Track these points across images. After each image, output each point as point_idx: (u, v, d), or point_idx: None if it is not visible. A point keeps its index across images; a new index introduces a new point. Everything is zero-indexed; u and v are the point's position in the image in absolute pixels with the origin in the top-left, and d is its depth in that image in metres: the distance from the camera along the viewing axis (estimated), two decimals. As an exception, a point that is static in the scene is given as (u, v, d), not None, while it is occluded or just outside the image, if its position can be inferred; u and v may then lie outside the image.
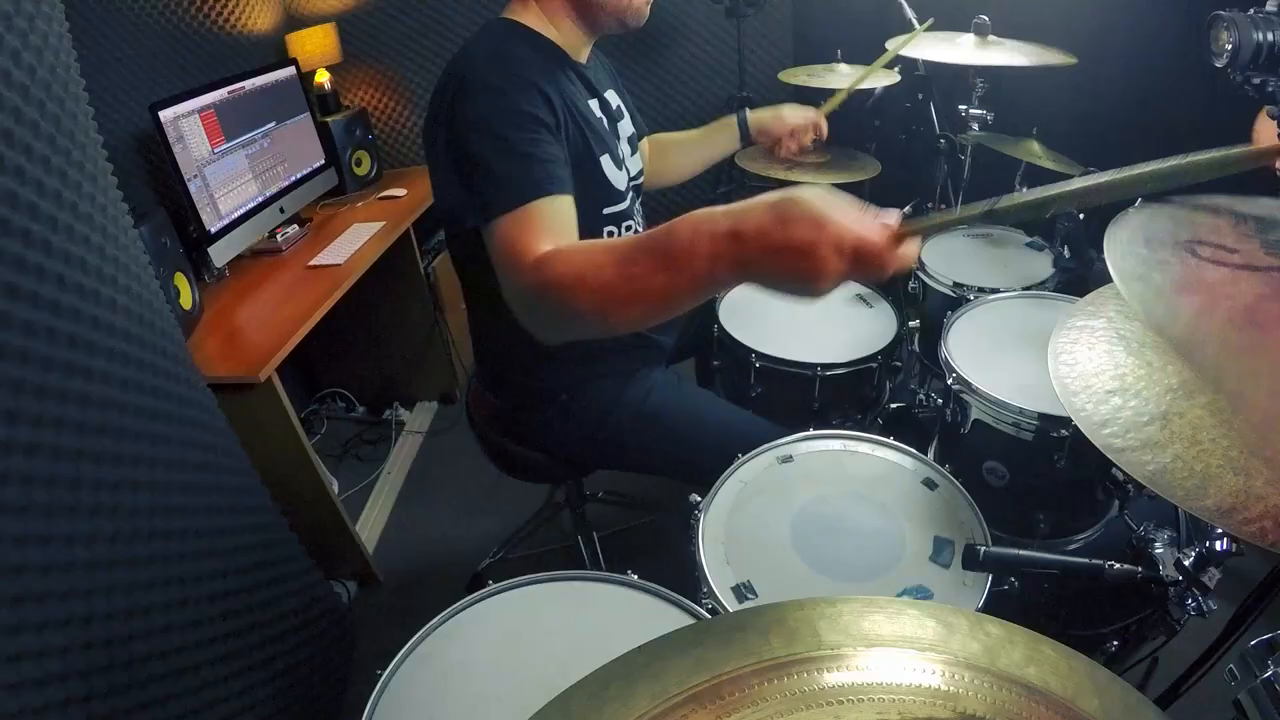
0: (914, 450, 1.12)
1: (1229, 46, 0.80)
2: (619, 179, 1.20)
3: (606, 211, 1.18)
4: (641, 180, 1.31)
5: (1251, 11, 0.79)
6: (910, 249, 0.70)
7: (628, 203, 1.23)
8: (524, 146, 0.97)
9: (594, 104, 1.20)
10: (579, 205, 1.02)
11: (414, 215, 2.28)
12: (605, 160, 1.16)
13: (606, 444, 1.31)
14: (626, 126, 1.28)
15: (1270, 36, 0.77)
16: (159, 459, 1.11)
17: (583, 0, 1.12)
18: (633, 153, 1.29)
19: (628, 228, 1.23)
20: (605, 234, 1.19)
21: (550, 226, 0.93)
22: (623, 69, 2.56)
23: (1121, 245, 0.55)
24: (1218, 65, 0.86)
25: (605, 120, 1.21)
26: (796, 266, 0.68)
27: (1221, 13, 0.82)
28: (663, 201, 2.77)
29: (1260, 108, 1.57)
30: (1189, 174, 0.67)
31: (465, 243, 1.19)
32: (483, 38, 1.10)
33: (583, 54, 1.19)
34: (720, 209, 0.73)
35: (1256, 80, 0.84)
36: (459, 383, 2.62)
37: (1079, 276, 1.50)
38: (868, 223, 0.68)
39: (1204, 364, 0.44)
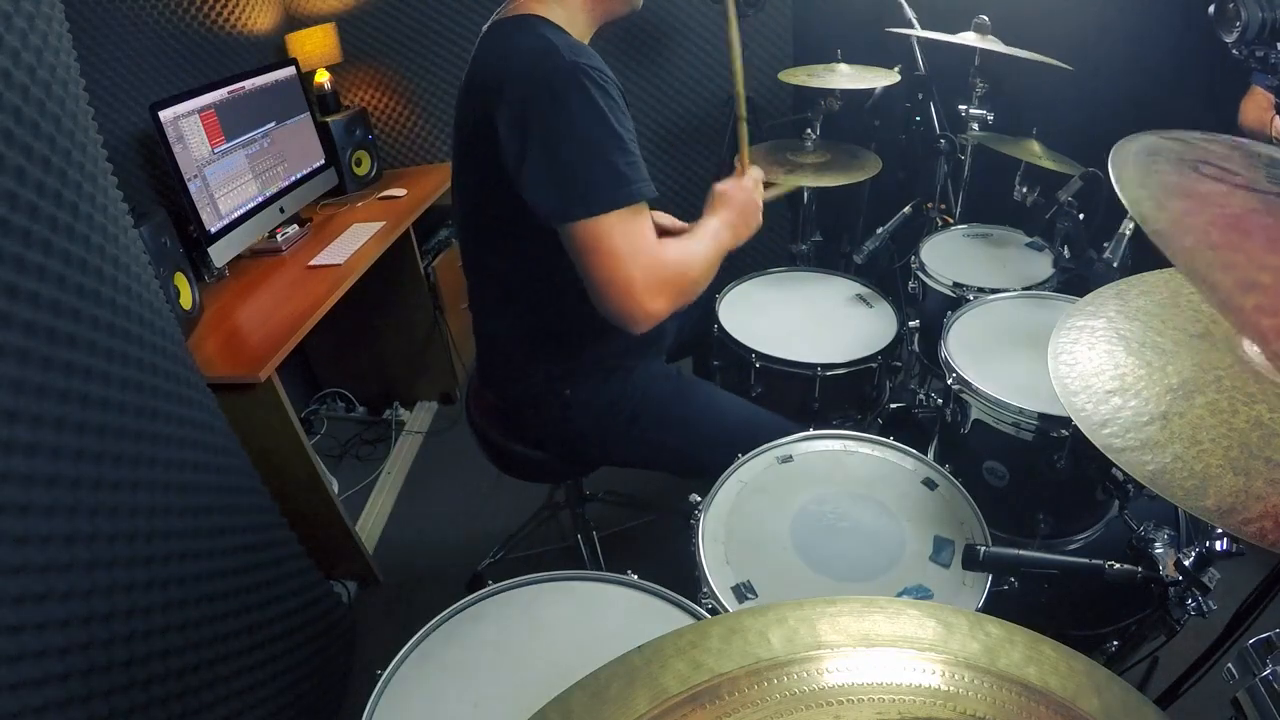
0: (914, 450, 1.12)
1: (1239, 24, 0.95)
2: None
3: None
4: None
5: None
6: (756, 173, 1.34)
7: None
8: (631, 145, 1.04)
9: None
10: None
11: (414, 215, 2.28)
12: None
13: (607, 439, 1.31)
14: None
15: (1274, 14, 0.93)
16: (159, 459, 1.11)
17: None
18: None
19: None
20: None
21: (650, 224, 1.08)
22: (622, 69, 2.57)
23: (1128, 156, 0.55)
24: (1227, 40, 1.00)
25: None
26: (747, 218, 1.27)
27: None
28: (659, 200, 2.77)
29: (1248, 90, 1.63)
30: None
31: (492, 243, 1.19)
32: (531, 33, 1.07)
33: (588, 43, 1.19)
34: (717, 218, 1.24)
35: (1260, 53, 0.99)
36: (459, 383, 2.62)
37: (1079, 276, 1.50)
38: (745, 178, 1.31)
39: (1178, 251, 0.44)
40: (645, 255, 1.03)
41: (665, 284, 1.05)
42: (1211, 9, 1.01)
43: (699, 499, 1.06)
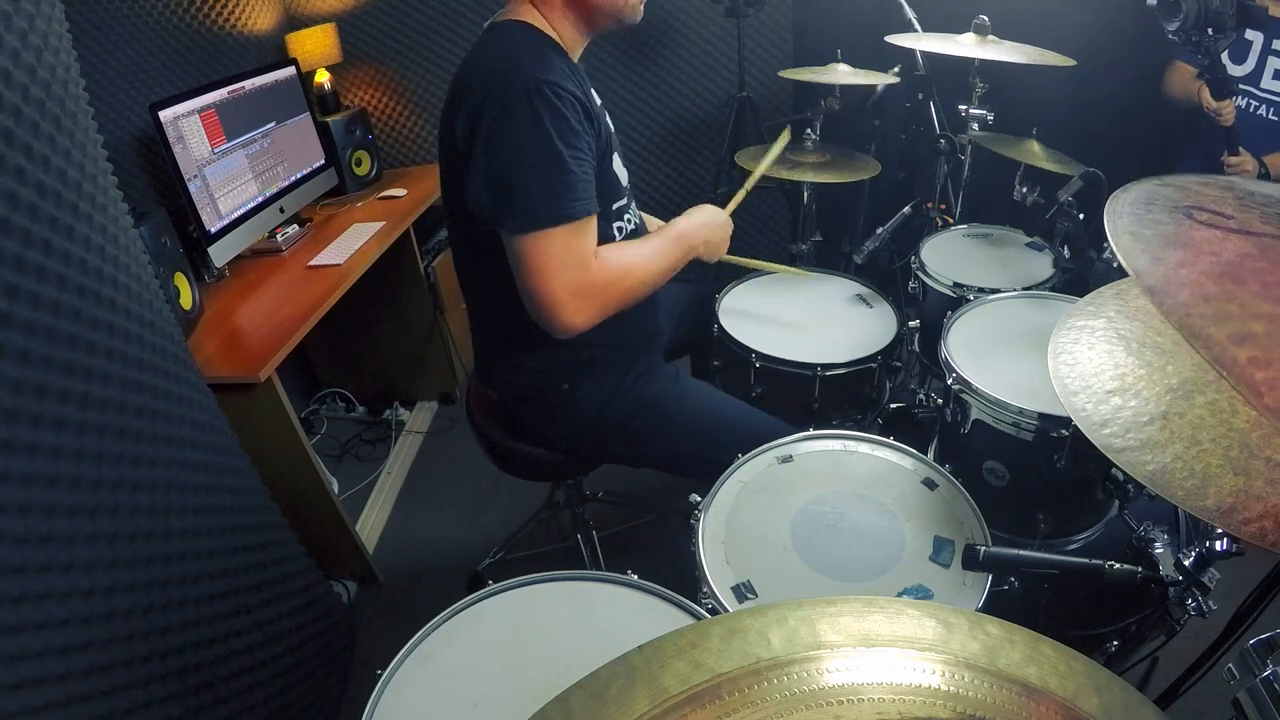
0: (914, 450, 1.12)
1: (1180, 15, 1.17)
2: (623, 174, 1.24)
3: (615, 206, 1.22)
4: None
5: None
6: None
7: (628, 197, 1.26)
8: (574, 164, 1.05)
9: (597, 101, 1.21)
10: (601, 204, 1.15)
11: (414, 215, 2.28)
12: (615, 158, 1.20)
13: (606, 436, 1.32)
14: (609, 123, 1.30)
15: (1207, 6, 1.14)
16: (159, 459, 1.11)
17: (583, 6, 1.14)
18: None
19: (628, 219, 1.26)
20: (614, 229, 1.23)
21: (588, 240, 1.10)
22: (622, 69, 2.57)
23: (1123, 205, 0.56)
24: (1169, 29, 1.21)
25: (604, 116, 1.23)
26: (720, 233, 1.33)
27: None
28: (659, 200, 2.78)
29: (1170, 64, 1.90)
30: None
31: (476, 239, 1.20)
32: (510, 39, 1.11)
33: (578, 54, 1.20)
34: (680, 220, 1.29)
35: (1195, 38, 1.19)
36: (459, 383, 2.62)
37: (1079, 276, 1.50)
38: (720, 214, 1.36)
39: (1173, 308, 0.44)
40: (571, 272, 1.07)
41: (590, 299, 1.10)
42: (1152, 1, 1.20)
43: (699, 499, 1.06)
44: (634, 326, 1.31)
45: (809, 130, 1.90)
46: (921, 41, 1.75)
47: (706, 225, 1.30)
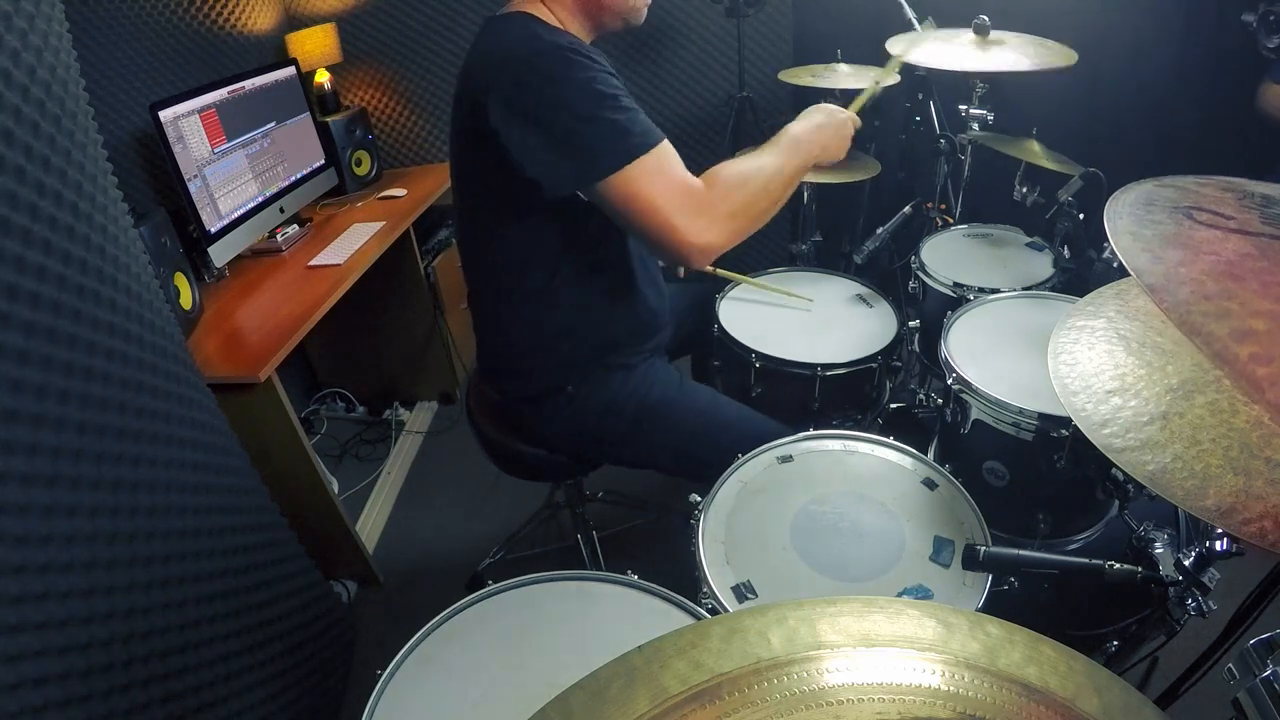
0: (914, 450, 1.12)
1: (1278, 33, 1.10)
2: None
3: None
4: None
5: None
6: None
7: None
8: (625, 101, 1.03)
9: None
10: None
11: (414, 215, 2.28)
12: None
13: (610, 438, 1.32)
14: None
15: None
16: (159, 459, 1.11)
17: (591, 3, 1.14)
18: None
19: None
20: None
21: (676, 162, 1.06)
22: (623, 69, 2.56)
23: (1123, 206, 0.56)
24: (1268, 46, 1.19)
25: None
26: (839, 134, 1.25)
27: (1271, 8, 1.08)
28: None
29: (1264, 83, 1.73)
30: None
31: (490, 235, 1.20)
32: (517, 27, 1.10)
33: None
34: (796, 123, 1.23)
35: None
36: (459, 383, 2.62)
37: (1079, 276, 1.50)
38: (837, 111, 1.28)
39: (1173, 306, 0.44)
40: (675, 195, 1.03)
41: (709, 214, 1.04)
42: (1248, 17, 1.12)
43: (699, 499, 1.06)
44: (638, 329, 1.30)
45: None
46: (918, 53, 1.74)
47: (822, 128, 1.22)
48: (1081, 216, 1.49)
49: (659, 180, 1.03)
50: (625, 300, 1.26)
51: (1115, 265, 1.27)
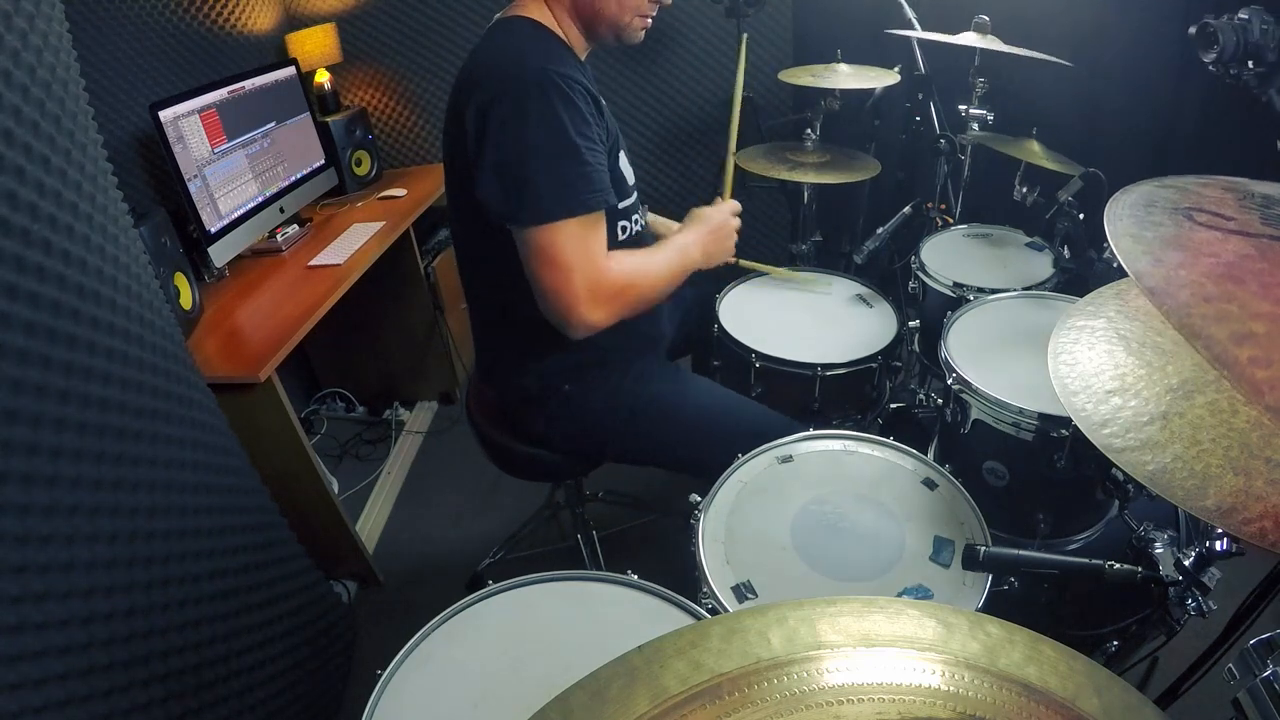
0: (914, 450, 1.12)
1: (1216, 46, 1.05)
2: (629, 174, 1.24)
3: (622, 206, 1.21)
4: None
5: (1226, 18, 1.03)
6: (735, 204, 1.39)
7: (635, 197, 1.26)
8: (588, 155, 1.04)
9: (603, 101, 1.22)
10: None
11: (414, 215, 2.28)
12: (622, 156, 1.20)
13: (608, 436, 1.32)
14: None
15: (1246, 37, 1.03)
16: (159, 459, 1.11)
17: (587, 12, 1.15)
18: None
19: (635, 220, 1.25)
20: (619, 228, 1.22)
21: (603, 235, 1.09)
22: (623, 69, 2.57)
23: (1123, 207, 0.56)
24: (1206, 60, 1.10)
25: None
26: (720, 241, 1.33)
27: (1209, 20, 1.05)
28: (659, 201, 2.78)
29: None
30: None
31: (481, 238, 1.20)
32: (519, 34, 1.10)
33: (584, 55, 1.21)
34: (689, 233, 1.30)
35: (1234, 71, 1.09)
36: (459, 383, 2.62)
37: (1079, 276, 1.50)
38: (724, 206, 1.38)
39: (1173, 309, 0.44)
40: (588, 268, 1.06)
41: (608, 298, 1.09)
42: (1192, 30, 1.11)
43: (699, 499, 1.06)
44: (638, 330, 1.31)
45: (809, 130, 1.90)
46: (920, 33, 1.75)
47: (706, 238, 1.30)
48: (1081, 216, 1.49)
49: (579, 246, 1.05)
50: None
51: (1115, 265, 1.27)
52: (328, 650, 1.57)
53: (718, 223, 1.33)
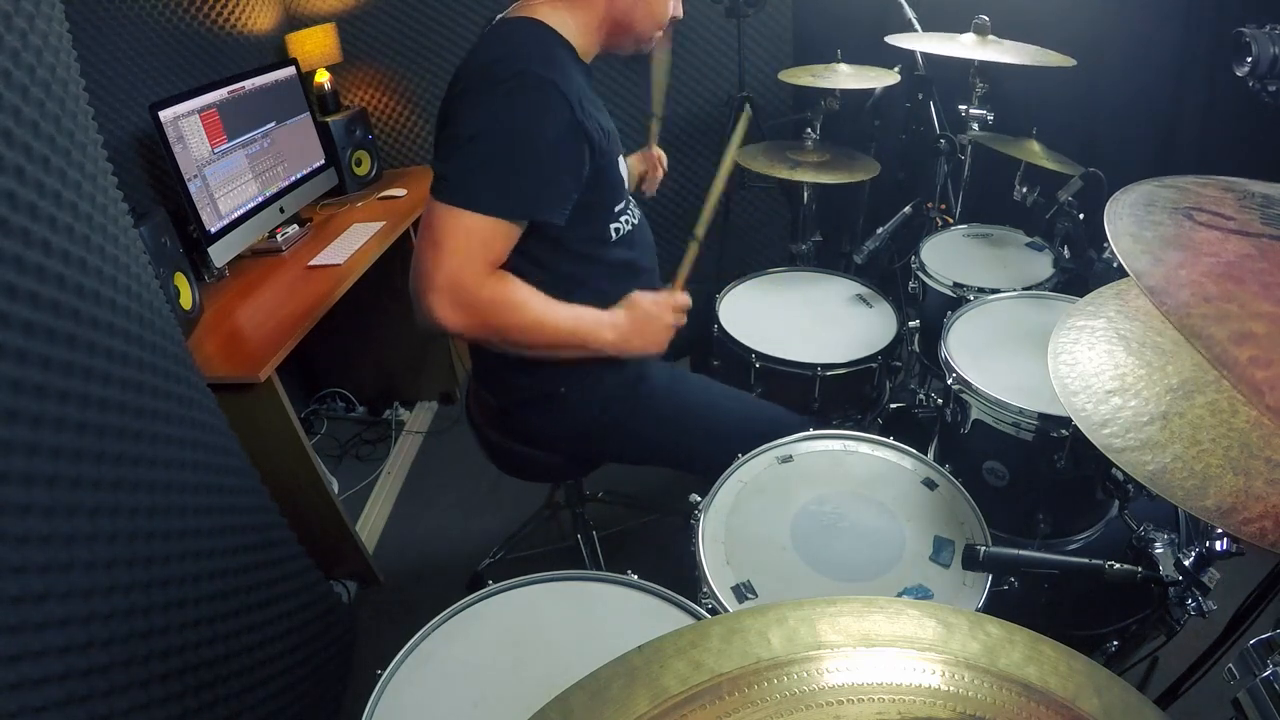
0: (914, 450, 1.12)
1: (1249, 58, 0.95)
2: (626, 177, 1.23)
3: (616, 209, 1.21)
4: None
5: (1268, 28, 0.93)
6: (682, 299, 1.27)
7: (629, 199, 1.26)
8: (525, 162, 1.03)
9: (601, 104, 1.22)
10: (599, 206, 1.16)
11: (414, 215, 2.27)
12: (620, 160, 1.20)
13: (606, 435, 1.32)
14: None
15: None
16: (159, 459, 1.11)
17: (622, 23, 1.16)
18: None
19: (626, 221, 1.24)
20: (612, 230, 1.21)
21: (499, 246, 1.06)
22: (623, 69, 2.57)
23: (1123, 207, 0.56)
24: (1239, 73, 1.00)
25: (609, 118, 1.23)
26: (645, 334, 1.22)
27: (1244, 29, 0.95)
28: (660, 203, 2.78)
29: None
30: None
31: None
32: (520, 32, 1.10)
33: (590, 58, 1.21)
34: (611, 315, 1.20)
35: (1272, 88, 0.99)
36: (459, 383, 2.62)
37: (1079, 276, 1.50)
38: (664, 296, 1.26)
39: (1173, 308, 0.44)
40: (459, 266, 1.03)
41: (464, 305, 1.05)
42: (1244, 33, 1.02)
43: (699, 499, 1.06)
44: None
45: (809, 130, 1.90)
46: (921, 42, 1.75)
47: (622, 326, 1.20)
48: (1081, 216, 1.49)
49: (463, 240, 1.03)
50: (617, 302, 1.26)
51: (1115, 265, 1.27)
52: (328, 650, 1.57)
53: (645, 314, 1.21)
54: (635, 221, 1.28)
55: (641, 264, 1.30)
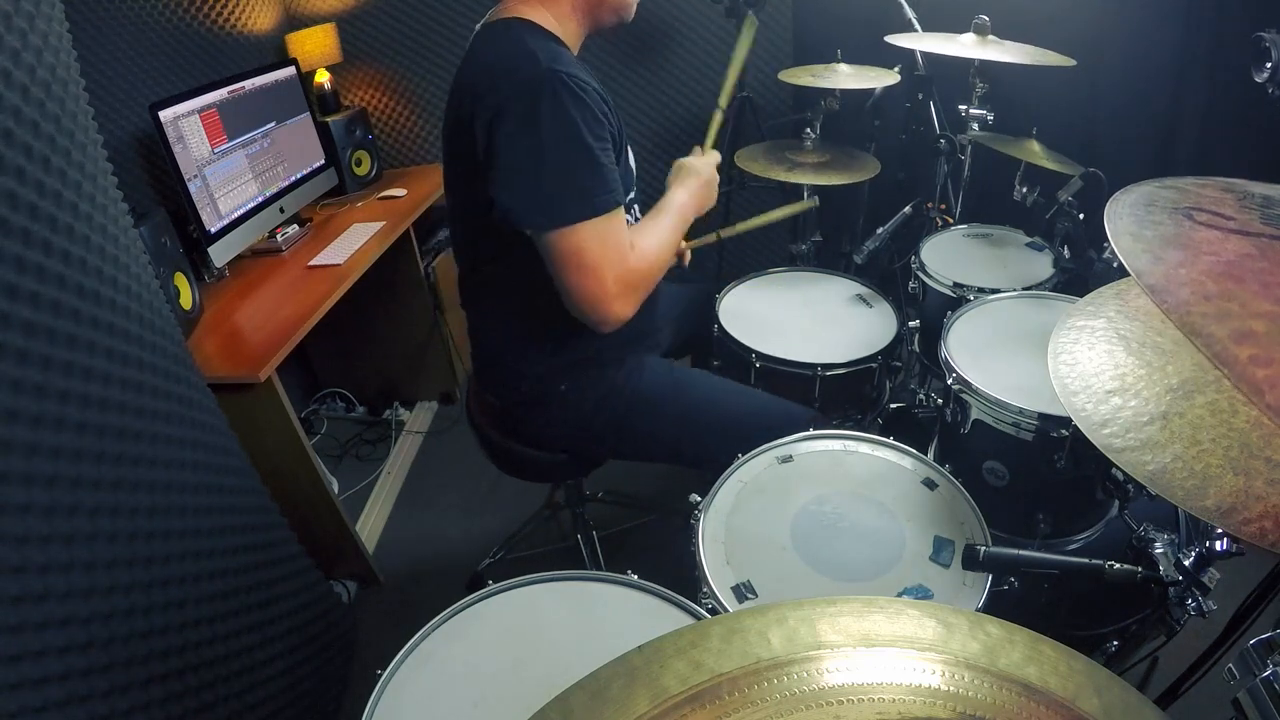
0: (914, 450, 1.12)
1: (1269, 64, 0.93)
2: (633, 171, 1.26)
3: (629, 199, 1.22)
4: None
5: None
6: (715, 155, 1.41)
7: (635, 191, 1.27)
8: (601, 155, 1.04)
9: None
10: None
11: (414, 215, 2.27)
12: (629, 150, 1.21)
13: (606, 433, 1.32)
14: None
15: None
16: (159, 459, 1.11)
17: (586, 1, 1.14)
18: None
19: (634, 213, 1.26)
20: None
21: (623, 228, 1.09)
22: (623, 69, 2.57)
23: (1123, 207, 0.56)
24: (1259, 80, 0.98)
25: None
26: (708, 190, 1.34)
27: (1264, 34, 0.93)
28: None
29: None
30: None
31: (481, 243, 1.20)
32: (518, 36, 1.09)
33: (576, 50, 1.21)
34: (678, 191, 1.29)
35: None
36: (459, 383, 2.62)
37: (1079, 276, 1.50)
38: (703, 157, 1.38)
39: (1174, 306, 0.44)
40: (616, 265, 1.06)
41: (635, 286, 1.11)
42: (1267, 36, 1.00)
43: (699, 499, 1.06)
44: (631, 325, 1.31)
45: (808, 130, 1.90)
46: (921, 42, 1.75)
47: (695, 194, 1.31)
48: (1081, 216, 1.49)
49: (604, 247, 1.05)
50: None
51: (1115, 265, 1.27)
52: (328, 650, 1.57)
53: (707, 176, 1.34)
54: (638, 215, 1.29)
55: None
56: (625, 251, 1.09)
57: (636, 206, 1.28)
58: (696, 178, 1.32)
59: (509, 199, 1.04)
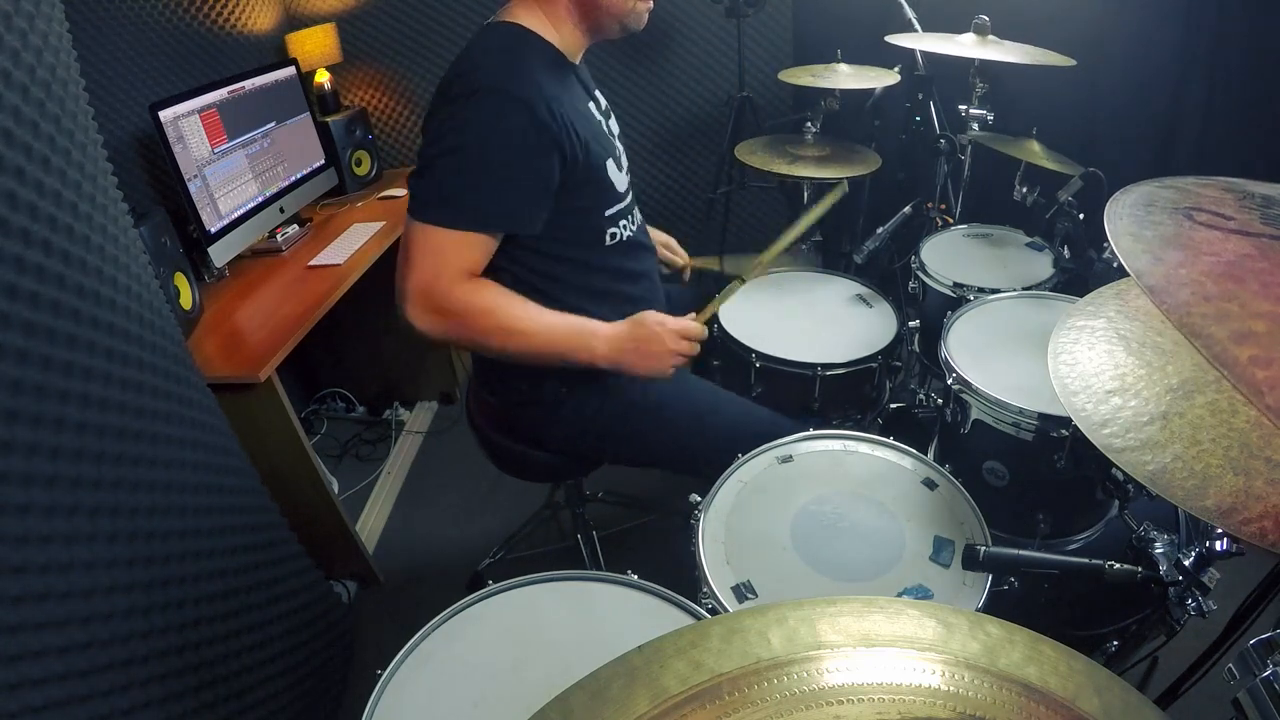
0: (914, 450, 1.12)
1: None
2: (620, 181, 1.23)
3: (609, 213, 1.20)
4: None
5: None
6: (695, 328, 1.21)
7: (627, 201, 1.25)
8: (491, 178, 1.06)
9: (591, 106, 1.21)
10: (586, 210, 1.16)
11: (414, 215, 2.27)
12: (609, 165, 1.19)
13: (605, 436, 1.32)
14: (615, 124, 1.29)
15: None
16: (159, 459, 1.11)
17: (587, 4, 1.14)
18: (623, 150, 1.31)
19: (624, 225, 1.24)
20: (608, 235, 1.21)
21: (470, 256, 1.10)
22: (623, 69, 2.57)
23: (1123, 207, 0.56)
24: None
25: (603, 122, 1.23)
26: (643, 355, 1.17)
27: None
28: (659, 200, 2.78)
29: None
30: None
31: None
32: (491, 41, 1.11)
33: (578, 56, 1.20)
34: (611, 328, 1.17)
35: None
36: (459, 383, 2.62)
37: (1079, 276, 1.50)
38: (677, 321, 1.19)
39: (1174, 307, 0.44)
40: (426, 274, 1.08)
41: (436, 310, 1.09)
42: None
43: (699, 499, 1.06)
44: None
45: (809, 124, 1.90)
46: (921, 42, 1.75)
47: (619, 341, 1.16)
48: (1081, 216, 1.49)
49: (433, 255, 1.08)
50: (616, 303, 1.26)
51: (1115, 265, 1.27)
52: (328, 650, 1.57)
53: (650, 334, 1.16)
54: (635, 227, 1.28)
55: (641, 269, 1.30)
56: (449, 272, 1.08)
57: (627, 220, 1.25)
58: (635, 330, 1.16)
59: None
